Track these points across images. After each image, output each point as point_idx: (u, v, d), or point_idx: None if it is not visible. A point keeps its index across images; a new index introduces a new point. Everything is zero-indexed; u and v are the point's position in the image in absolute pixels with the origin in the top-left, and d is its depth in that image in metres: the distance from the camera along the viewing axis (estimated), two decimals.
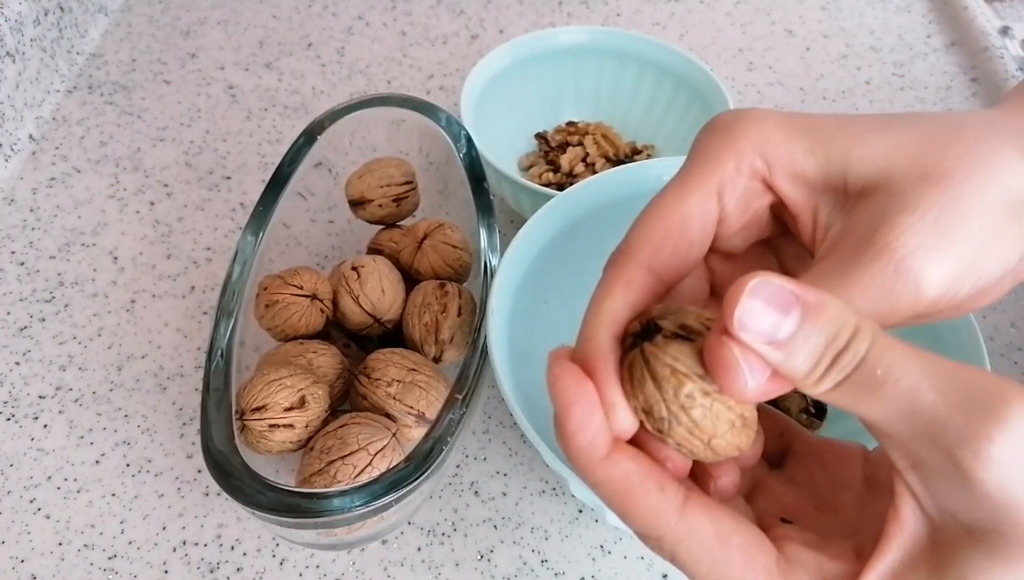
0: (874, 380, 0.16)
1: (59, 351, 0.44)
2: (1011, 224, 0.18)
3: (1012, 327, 0.48)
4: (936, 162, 0.18)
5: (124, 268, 0.49)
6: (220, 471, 0.31)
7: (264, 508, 0.30)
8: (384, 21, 0.68)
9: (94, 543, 0.37)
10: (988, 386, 0.16)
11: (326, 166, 0.46)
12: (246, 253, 0.38)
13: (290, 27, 0.67)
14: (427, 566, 0.37)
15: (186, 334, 0.46)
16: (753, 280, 0.16)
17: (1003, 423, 0.15)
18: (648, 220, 0.20)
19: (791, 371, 0.17)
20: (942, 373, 0.16)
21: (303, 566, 0.37)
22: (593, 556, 0.37)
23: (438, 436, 0.32)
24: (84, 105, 0.59)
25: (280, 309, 0.37)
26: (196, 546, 0.37)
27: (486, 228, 0.39)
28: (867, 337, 0.16)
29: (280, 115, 0.59)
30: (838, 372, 0.16)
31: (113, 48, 0.64)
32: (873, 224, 0.18)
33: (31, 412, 0.42)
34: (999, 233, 0.18)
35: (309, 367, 0.36)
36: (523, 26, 0.68)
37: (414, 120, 0.44)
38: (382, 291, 0.38)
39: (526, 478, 0.40)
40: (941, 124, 0.19)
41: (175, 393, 0.43)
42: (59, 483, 0.39)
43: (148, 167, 0.55)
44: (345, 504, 0.30)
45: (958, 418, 0.15)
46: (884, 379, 0.16)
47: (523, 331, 0.37)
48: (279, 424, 0.33)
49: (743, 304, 0.16)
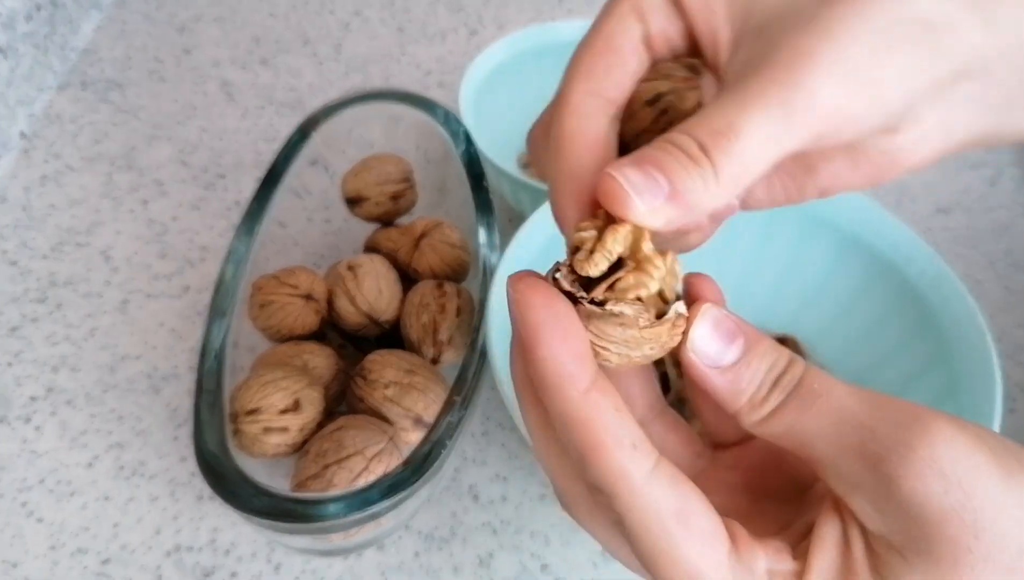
0: (812, 394, 0.17)
1: (52, 352, 0.44)
2: (916, 41, 0.17)
3: (1019, 328, 0.47)
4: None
5: (118, 268, 0.48)
6: (213, 475, 0.30)
7: (258, 513, 0.29)
8: (381, 17, 0.67)
9: (87, 547, 0.37)
10: (915, 408, 0.17)
11: (322, 164, 0.45)
12: (240, 252, 0.38)
13: (286, 23, 0.67)
14: (425, 572, 0.36)
15: (180, 335, 0.45)
16: (701, 310, 0.18)
17: (928, 435, 0.16)
18: (575, 57, 0.20)
19: (735, 395, 0.18)
20: (871, 396, 0.17)
21: (299, 571, 0.36)
22: (595, 562, 0.37)
23: (436, 439, 0.31)
24: (77, 102, 0.58)
25: (275, 309, 0.36)
26: (190, 550, 0.37)
27: (485, 226, 0.39)
28: (800, 362, 0.18)
29: (276, 113, 0.58)
30: (780, 392, 0.18)
31: (107, 44, 0.64)
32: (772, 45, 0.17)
33: (23, 414, 0.41)
34: (897, 46, 0.17)
35: (304, 369, 0.35)
36: (522, 21, 0.67)
37: (412, 116, 0.44)
38: (379, 291, 0.38)
39: (526, 482, 0.39)
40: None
41: (169, 395, 0.42)
42: (52, 486, 0.39)
43: (142, 165, 0.54)
44: (341, 509, 0.29)
45: (885, 428, 0.16)
46: (820, 392, 0.17)
47: None
48: (274, 427, 0.32)
49: (695, 330, 0.18)
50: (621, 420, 0.17)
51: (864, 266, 0.39)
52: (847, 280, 0.40)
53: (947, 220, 0.53)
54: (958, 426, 0.16)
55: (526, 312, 0.17)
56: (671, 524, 0.17)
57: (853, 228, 0.39)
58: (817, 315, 0.41)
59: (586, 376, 0.17)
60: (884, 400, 0.17)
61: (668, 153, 0.17)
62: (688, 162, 0.17)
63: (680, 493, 0.17)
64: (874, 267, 0.39)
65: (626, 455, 0.17)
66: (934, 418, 0.16)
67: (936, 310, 0.36)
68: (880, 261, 0.38)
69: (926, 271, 0.36)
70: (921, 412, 0.17)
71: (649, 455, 0.17)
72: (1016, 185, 0.56)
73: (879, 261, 0.38)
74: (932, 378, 0.35)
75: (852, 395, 0.17)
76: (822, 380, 0.18)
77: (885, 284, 0.38)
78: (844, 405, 0.17)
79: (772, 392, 0.18)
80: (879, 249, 0.38)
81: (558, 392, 0.17)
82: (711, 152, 0.17)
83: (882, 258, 0.38)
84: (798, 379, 0.18)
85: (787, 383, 0.18)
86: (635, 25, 0.20)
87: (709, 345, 0.18)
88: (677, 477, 0.17)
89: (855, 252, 0.39)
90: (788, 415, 0.18)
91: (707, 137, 0.17)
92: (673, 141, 0.17)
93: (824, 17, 0.17)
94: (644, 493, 0.17)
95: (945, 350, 0.35)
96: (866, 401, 0.17)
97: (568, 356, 0.17)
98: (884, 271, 0.38)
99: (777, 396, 0.18)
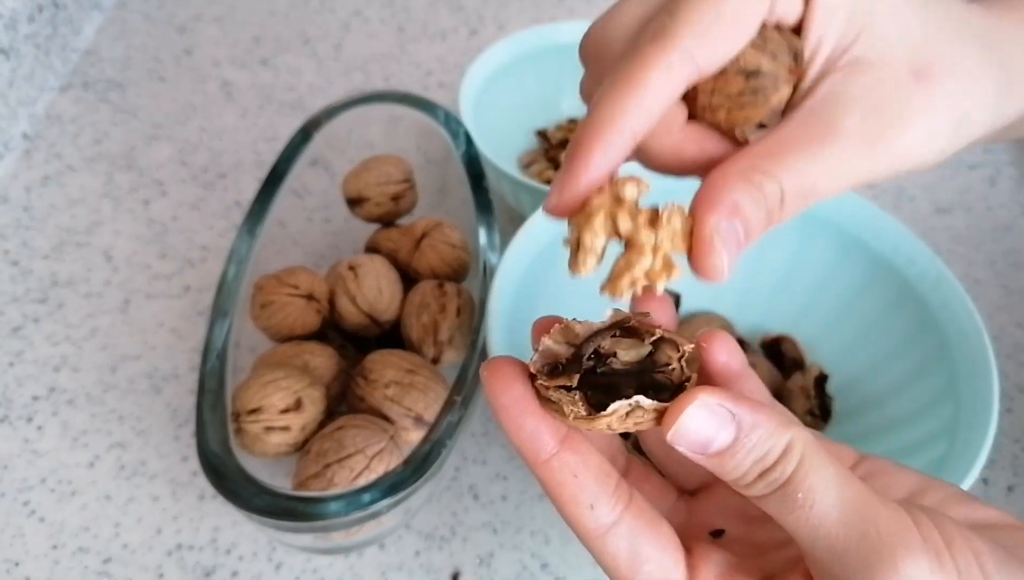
0: (794, 502, 0.18)
1: (53, 352, 0.44)
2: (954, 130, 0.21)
3: (1018, 328, 0.47)
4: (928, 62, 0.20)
5: (118, 268, 0.48)
6: (215, 474, 0.30)
7: (260, 512, 0.29)
8: (382, 17, 0.67)
9: (88, 546, 0.37)
10: (890, 528, 0.17)
11: (323, 164, 0.45)
12: (241, 252, 0.38)
13: (286, 23, 0.67)
14: (425, 571, 0.36)
15: (181, 335, 0.45)
16: (696, 399, 0.18)
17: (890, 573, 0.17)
18: (696, 9, 0.19)
19: (719, 472, 0.19)
20: (853, 506, 0.17)
21: (300, 570, 0.36)
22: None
23: (436, 439, 0.31)
24: (78, 103, 0.58)
25: (276, 309, 0.36)
26: (191, 549, 0.37)
27: (485, 227, 0.39)
28: (795, 458, 0.18)
29: (276, 112, 0.59)
30: (764, 486, 0.18)
31: (107, 45, 0.64)
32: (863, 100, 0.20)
33: (25, 414, 0.41)
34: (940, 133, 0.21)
35: (305, 368, 0.35)
36: (523, 21, 0.67)
37: (412, 117, 0.44)
38: (379, 291, 0.38)
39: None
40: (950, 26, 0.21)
41: (170, 395, 0.42)
42: (53, 485, 0.39)
43: (143, 165, 0.54)
44: (342, 508, 0.29)
45: (856, 557, 0.17)
46: (802, 504, 0.18)
47: (523, 331, 0.36)
48: (275, 426, 0.32)
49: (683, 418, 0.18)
50: (578, 484, 0.19)
51: (864, 267, 0.39)
52: (847, 281, 0.40)
53: (946, 220, 0.53)
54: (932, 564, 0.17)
55: (491, 398, 0.20)
56: (623, 569, 0.20)
57: (853, 229, 0.39)
58: (817, 316, 0.42)
59: (544, 448, 0.19)
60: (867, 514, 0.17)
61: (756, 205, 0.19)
62: (764, 217, 0.19)
63: (634, 545, 0.20)
64: (874, 268, 0.39)
65: (583, 514, 0.19)
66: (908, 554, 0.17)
67: (935, 311, 0.36)
68: (880, 262, 0.38)
69: (926, 272, 0.37)
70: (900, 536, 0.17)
71: (611, 510, 0.19)
72: (1015, 185, 0.56)
73: (879, 262, 0.38)
74: (931, 378, 0.35)
75: (835, 506, 0.18)
76: (808, 485, 0.18)
77: (884, 285, 0.38)
78: (823, 522, 0.18)
79: (757, 483, 0.18)
80: (879, 250, 0.38)
81: (525, 459, 0.20)
82: (787, 208, 0.20)
83: (882, 259, 0.38)
84: (786, 478, 0.18)
85: (773, 480, 0.18)
86: (767, 3, 0.20)
87: (696, 436, 0.18)
88: (635, 526, 0.20)
89: (855, 253, 0.39)
90: (772, 507, 0.18)
91: (792, 194, 0.20)
92: (761, 187, 0.19)
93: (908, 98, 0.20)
94: (598, 546, 0.20)
95: (944, 350, 0.35)
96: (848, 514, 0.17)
97: (525, 434, 0.19)
98: (883, 272, 0.38)
99: (762, 489, 0.18)
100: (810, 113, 0.20)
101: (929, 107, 0.20)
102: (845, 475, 0.18)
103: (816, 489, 0.18)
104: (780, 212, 0.20)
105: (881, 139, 0.20)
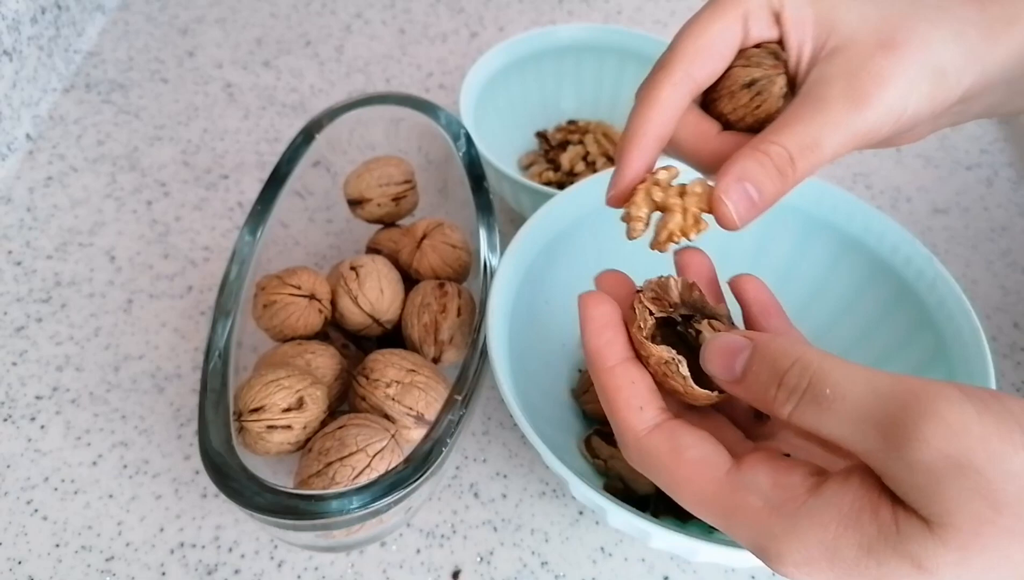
0: (825, 398, 0.19)
1: (56, 351, 0.44)
2: (931, 85, 0.24)
3: (1015, 328, 0.47)
4: (889, 36, 0.24)
5: (121, 268, 0.48)
6: (218, 472, 0.30)
7: (262, 510, 0.29)
8: (383, 19, 0.68)
9: (91, 544, 0.37)
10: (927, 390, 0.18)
11: (324, 165, 0.45)
12: (244, 253, 0.38)
13: (288, 25, 0.67)
14: (426, 568, 0.37)
15: (183, 334, 0.45)
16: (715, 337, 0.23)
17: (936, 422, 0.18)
18: (687, 38, 0.26)
19: (753, 400, 0.21)
20: (886, 383, 0.19)
21: (301, 568, 0.36)
22: (594, 559, 0.37)
23: (437, 437, 0.32)
24: (81, 104, 0.59)
25: (278, 309, 0.37)
26: (194, 548, 0.37)
27: (486, 227, 0.39)
28: (810, 364, 0.20)
29: (278, 114, 0.59)
30: (790, 394, 0.20)
31: (110, 47, 0.64)
32: (841, 74, 0.24)
33: (28, 413, 0.42)
34: (917, 88, 0.24)
35: (307, 368, 0.35)
36: (523, 24, 0.67)
37: (413, 119, 0.44)
38: (381, 291, 0.38)
39: (526, 480, 0.40)
40: (904, 4, 0.25)
41: (172, 394, 0.43)
42: (56, 484, 0.39)
43: (145, 166, 0.55)
44: (343, 506, 0.29)
45: (901, 426, 0.18)
46: (833, 397, 0.19)
47: (523, 331, 0.37)
48: (277, 425, 0.33)
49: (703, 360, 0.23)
50: (633, 389, 0.23)
51: (861, 267, 0.39)
52: (844, 281, 0.40)
53: (944, 220, 0.54)
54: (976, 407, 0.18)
55: (580, 311, 0.25)
56: (666, 459, 0.22)
57: (850, 229, 0.39)
58: (815, 316, 0.42)
59: (613, 357, 0.24)
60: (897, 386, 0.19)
61: (763, 167, 0.24)
62: (776, 175, 0.24)
63: (674, 437, 0.22)
64: (871, 268, 0.39)
65: (633, 414, 0.23)
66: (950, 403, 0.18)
67: (933, 311, 0.36)
68: (877, 262, 0.39)
69: (923, 272, 0.37)
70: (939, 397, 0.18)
71: (655, 415, 0.23)
72: (1012, 185, 0.56)
73: (876, 262, 0.39)
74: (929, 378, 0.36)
75: (869, 392, 0.19)
76: (834, 380, 0.19)
77: (882, 285, 0.39)
78: (860, 405, 0.19)
79: (779, 393, 0.20)
80: (876, 250, 0.39)
81: (591, 365, 0.24)
82: (798, 162, 0.24)
83: (879, 259, 0.39)
84: (807, 383, 0.20)
85: (794, 385, 0.20)
86: (740, 32, 0.26)
87: (716, 368, 0.22)
88: (676, 430, 0.22)
89: (852, 253, 0.40)
90: (808, 417, 0.20)
91: (797, 151, 0.24)
92: (769, 153, 0.24)
93: (878, 64, 0.24)
94: (643, 444, 0.23)
95: (942, 350, 0.35)
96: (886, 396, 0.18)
97: (601, 342, 0.24)
98: (881, 272, 0.39)
99: (789, 398, 0.20)
100: (803, 95, 0.25)
101: (899, 68, 0.24)
102: (867, 368, 0.19)
103: (842, 382, 0.19)
104: (793, 169, 0.24)
105: (865, 98, 0.24)
